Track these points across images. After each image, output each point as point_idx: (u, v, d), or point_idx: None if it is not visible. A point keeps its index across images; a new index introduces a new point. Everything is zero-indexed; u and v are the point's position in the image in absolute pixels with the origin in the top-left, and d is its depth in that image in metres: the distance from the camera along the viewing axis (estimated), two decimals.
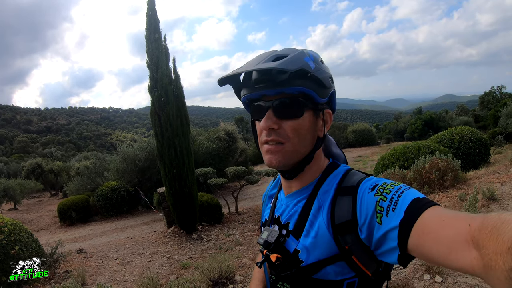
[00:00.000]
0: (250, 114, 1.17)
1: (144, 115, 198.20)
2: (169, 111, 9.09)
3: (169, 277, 6.64)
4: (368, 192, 0.96)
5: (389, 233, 0.86)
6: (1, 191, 19.38)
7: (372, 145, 36.84)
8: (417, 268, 4.65)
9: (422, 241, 0.78)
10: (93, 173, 20.44)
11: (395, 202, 0.87)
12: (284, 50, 1.07)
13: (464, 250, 0.69)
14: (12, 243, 6.47)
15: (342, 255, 1.00)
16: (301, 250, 1.06)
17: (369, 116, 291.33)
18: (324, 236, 1.02)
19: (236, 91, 1.17)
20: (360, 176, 1.07)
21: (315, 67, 1.03)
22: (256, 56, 1.08)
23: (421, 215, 0.81)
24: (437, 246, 0.75)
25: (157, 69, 9.20)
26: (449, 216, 0.77)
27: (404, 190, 0.90)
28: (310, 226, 1.06)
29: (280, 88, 1.00)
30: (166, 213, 10.58)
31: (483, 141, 12.25)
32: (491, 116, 32.86)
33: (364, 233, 0.94)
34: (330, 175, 1.13)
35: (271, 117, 1.04)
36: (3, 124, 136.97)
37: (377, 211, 0.90)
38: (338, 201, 1.03)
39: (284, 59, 0.97)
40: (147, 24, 9.42)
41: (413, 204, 0.85)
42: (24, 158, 52.22)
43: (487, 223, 0.66)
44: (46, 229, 15.54)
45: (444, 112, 49.28)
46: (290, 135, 1.04)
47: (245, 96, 1.10)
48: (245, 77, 1.11)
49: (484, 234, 0.65)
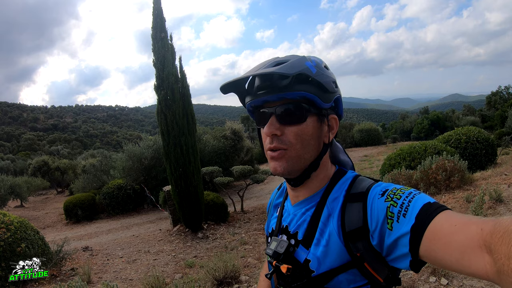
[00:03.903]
0: (255, 122, 1.17)
1: (150, 113, 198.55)
2: (175, 110, 9.10)
3: (174, 275, 6.66)
4: (378, 198, 0.95)
5: (401, 239, 0.85)
6: (8, 188, 19.48)
7: (378, 144, 36.66)
8: (423, 270, 4.61)
9: (434, 247, 0.78)
10: (99, 171, 20.54)
11: (406, 208, 0.86)
12: (287, 56, 1.08)
13: (477, 255, 0.69)
14: (19, 241, 6.52)
15: (354, 262, 0.99)
16: (311, 259, 1.04)
17: (375, 115, 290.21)
18: (335, 244, 1.00)
19: (241, 98, 1.17)
20: (369, 182, 1.06)
21: (316, 72, 1.02)
22: (258, 63, 1.08)
23: (433, 220, 0.80)
24: (449, 251, 0.74)
25: (164, 68, 9.22)
26: (461, 221, 0.76)
27: (415, 195, 0.89)
28: (321, 235, 1.05)
29: (282, 93, 1.01)
30: (171, 211, 10.62)
31: (490, 142, 12.14)
32: (498, 116, 32.68)
33: (375, 240, 0.93)
34: (338, 182, 1.12)
35: (274, 123, 1.04)
36: (10, 122, 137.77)
37: (388, 217, 0.89)
38: (348, 208, 1.01)
39: (284, 64, 0.98)
40: (153, 23, 9.44)
41: (424, 209, 0.83)
42: (31, 156, 52.46)
43: (499, 227, 0.66)
44: (52, 227, 15.64)
45: (450, 112, 49.04)
46: (292, 141, 1.03)
47: (248, 103, 1.11)
48: (249, 84, 1.12)
49: (496, 238, 0.65)
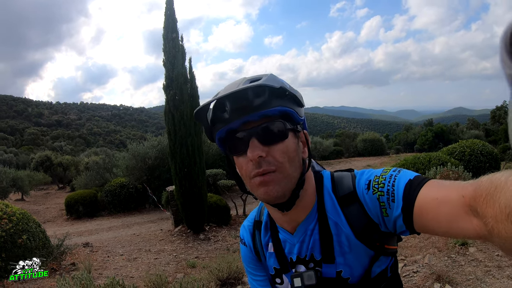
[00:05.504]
0: (226, 153, 1.06)
1: (155, 115, 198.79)
2: (183, 110, 9.14)
3: (175, 275, 6.66)
4: (366, 193, 0.99)
5: (397, 221, 0.92)
6: (10, 181, 19.56)
7: (382, 155, 36.67)
8: (427, 276, 4.63)
9: (424, 222, 0.85)
10: (102, 169, 20.57)
11: (392, 193, 0.92)
12: (254, 76, 0.99)
13: (465, 221, 0.74)
14: (20, 232, 6.53)
15: (378, 251, 1.05)
16: (343, 269, 1.06)
17: (379, 126, 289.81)
18: (357, 245, 1.03)
19: (208, 131, 1.05)
20: (348, 177, 1.09)
21: (289, 86, 1.00)
22: (226, 86, 1.00)
23: (417, 197, 0.86)
24: (438, 223, 0.81)
25: (173, 68, 9.27)
26: (441, 193, 0.81)
27: (396, 177, 0.95)
28: (340, 245, 1.05)
29: (262, 110, 0.94)
30: (174, 212, 10.62)
31: (494, 155, 12.17)
32: (503, 130, 32.66)
33: (382, 226, 0.99)
34: (323, 189, 1.10)
35: (257, 145, 0.95)
36: (14, 116, 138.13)
37: (381, 207, 0.95)
38: (347, 212, 1.04)
39: (263, 79, 0.92)
40: (164, 23, 9.50)
41: (407, 188, 0.89)
42: (34, 150, 52.56)
43: (480, 190, 0.69)
44: (52, 221, 15.67)
45: (455, 125, 48.96)
46: (280, 160, 0.96)
47: (222, 130, 0.98)
48: (216, 112, 0.99)
49: (480, 202, 0.68)
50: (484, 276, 4.47)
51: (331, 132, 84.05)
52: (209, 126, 1.02)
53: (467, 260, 5.01)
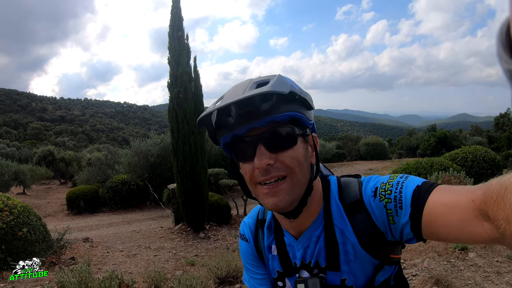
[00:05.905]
0: (232, 158, 1.03)
1: (158, 113, 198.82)
2: (186, 108, 9.16)
3: (174, 272, 6.67)
4: (373, 201, 0.97)
5: (404, 229, 0.90)
6: (12, 174, 19.64)
7: (384, 159, 36.62)
8: (426, 280, 4.63)
9: (433, 228, 0.83)
10: (104, 165, 20.61)
11: (399, 200, 0.90)
12: (262, 77, 0.96)
13: (476, 225, 0.73)
14: (21, 225, 6.55)
15: (383, 261, 1.05)
16: (347, 277, 1.06)
17: (382, 130, 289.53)
18: (362, 254, 1.03)
19: (212, 134, 1.02)
20: (355, 184, 1.06)
21: (298, 88, 0.96)
22: (233, 87, 0.97)
23: (426, 203, 0.84)
24: (447, 230, 0.79)
25: (178, 66, 9.28)
26: (450, 199, 0.80)
27: (403, 183, 0.92)
28: (345, 253, 1.04)
29: (270, 116, 0.90)
30: (174, 209, 10.64)
31: (497, 162, 12.12)
32: (506, 138, 32.59)
33: (389, 235, 0.98)
34: (330, 196, 1.08)
35: (265, 152, 0.92)
36: (18, 110, 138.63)
37: (388, 215, 0.93)
38: (353, 221, 1.03)
39: (270, 83, 0.88)
40: (170, 21, 9.51)
41: (416, 194, 0.87)
42: (37, 145, 52.74)
43: (490, 192, 0.68)
44: (53, 216, 15.74)
45: (458, 131, 48.83)
46: (290, 166, 0.93)
47: (228, 136, 0.95)
48: (220, 116, 0.93)
49: (490, 205, 0.67)
50: (483, 282, 4.45)
51: (334, 135, 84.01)
52: (213, 129, 0.98)
53: (466, 265, 4.99)
